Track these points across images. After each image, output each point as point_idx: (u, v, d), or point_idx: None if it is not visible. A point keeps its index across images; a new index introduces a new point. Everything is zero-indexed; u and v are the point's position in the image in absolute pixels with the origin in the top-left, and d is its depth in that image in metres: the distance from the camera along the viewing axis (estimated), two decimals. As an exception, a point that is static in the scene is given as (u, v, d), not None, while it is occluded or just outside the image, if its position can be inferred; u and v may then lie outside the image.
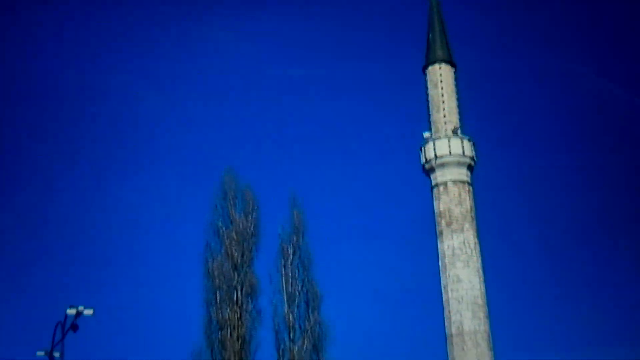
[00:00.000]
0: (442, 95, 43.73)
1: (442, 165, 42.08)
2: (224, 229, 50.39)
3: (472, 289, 39.73)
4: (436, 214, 41.90)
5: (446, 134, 43.05)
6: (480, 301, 39.65)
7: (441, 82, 43.97)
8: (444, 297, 40.33)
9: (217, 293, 50.30)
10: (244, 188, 51.53)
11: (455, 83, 44.42)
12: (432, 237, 42.22)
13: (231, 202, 50.93)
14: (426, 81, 44.71)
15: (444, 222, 41.33)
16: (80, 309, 26.29)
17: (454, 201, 41.37)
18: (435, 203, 42.12)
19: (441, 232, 41.32)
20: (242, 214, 50.78)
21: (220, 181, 51.66)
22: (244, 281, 50.36)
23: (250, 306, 50.20)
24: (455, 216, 41.06)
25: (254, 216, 50.70)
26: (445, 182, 41.93)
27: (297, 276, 48.32)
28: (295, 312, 47.75)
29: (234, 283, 50.08)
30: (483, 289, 40.08)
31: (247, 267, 50.96)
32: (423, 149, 43.41)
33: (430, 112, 44.19)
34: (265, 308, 51.05)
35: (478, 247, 40.93)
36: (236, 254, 49.82)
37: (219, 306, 49.95)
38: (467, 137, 43.31)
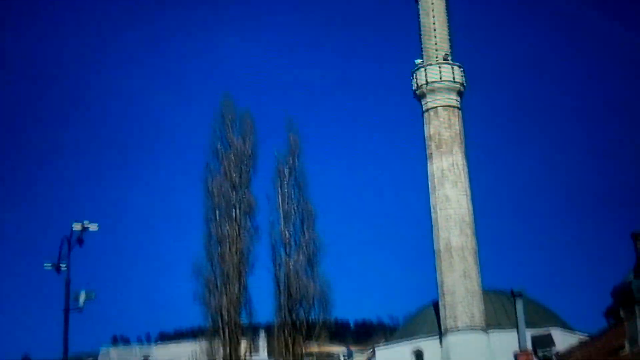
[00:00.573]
0: (434, 23, 44.65)
1: (432, 90, 43.43)
2: (222, 151, 52.27)
3: (460, 207, 41.56)
4: (426, 138, 43.28)
5: (437, 60, 44.11)
6: (467, 219, 41.53)
7: (433, 10, 44.85)
8: (433, 216, 42.03)
9: (217, 211, 52.47)
10: (241, 113, 53.20)
11: (446, 11, 45.26)
12: (422, 160, 43.82)
13: (229, 125, 52.69)
14: (418, 9, 45.49)
15: (433, 145, 42.88)
16: (86, 224, 27.06)
17: (443, 125, 42.85)
18: (426, 127, 43.48)
19: (431, 154, 42.87)
20: (240, 137, 52.62)
21: (219, 106, 53.57)
22: (242, 200, 52.53)
23: (248, 223, 52.46)
24: (445, 139, 42.57)
25: (251, 139, 52.55)
26: (436, 107, 43.25)
27: (292, 195, 50.52)
28: (291, 229, 50.08)
29: (232, 201, 52.21)
30: (470, 207, 41.89)
31: (245, 187, 53.07)
32: (414, 75, 44.65)
33: (422, 39, 45.17)
34: (262, 225, 53.27)
35: (466, 168, 42.56)
36: (234, 174, 51.83)
37: (218, 223, 52.18)
38: (457, 64, 44.49)
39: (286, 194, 50.28)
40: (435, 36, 44.62)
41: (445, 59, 44.44)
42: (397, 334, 47.40)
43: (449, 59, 44.63)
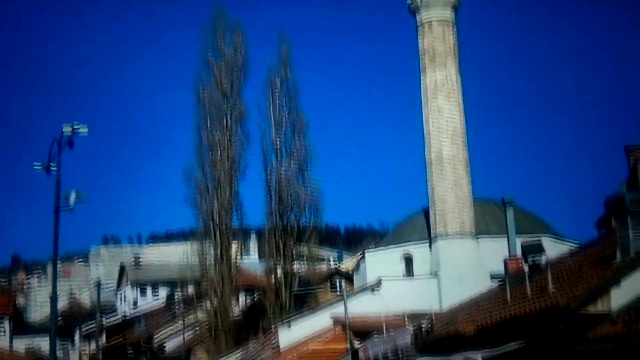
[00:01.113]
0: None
1: (427, 5, 42.72)
2: (214, 60, 52.17)
3: (452, 119, 41.64)
4: (420, 51, 42.76)
5: (431, -26, 43.41)
6: (459, 130, 41.65)
7: None
8: (425, 127, 42.02)
9: (208, 118, 52.69)
10: (233, 23, 53.08)
11: None
12: (416, 73, 43.49)
13: (221, 36, 52.47)
14: None
15: (427, 58, 42.60)
16: (76, 126, 27.05)
17: (437, 39, 42.41)
18: (420, 41, 42.86)
19: (424, 67, 42.60)
20: (231, 47, 52.40)
21: (211, 16, 53.22)
22: (234, 108, 52.66)
23: (239, 130, 52.85)
24: (439, 52, 42.24)
25: (242, 49, 52.39)
26: (430, 21, 42.60)
27: (284, 105, 50.69)
28: (282, 137, 50.49)
29: (223, 109, 52.35)
30: (462, 119, 41.96)
31: (237, 96, 53.13)
32: (409, -11, 43.79)
33: (416, -47, 44.31)
34: (253, 134, 53.92)
35: (459, 81, 42.26)
36: (225, 83, 51.82)
37: (209, 130, 52.48)
38: (451, -22, 43.82)
39: (277, 103, 50.51)
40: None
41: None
42: (386, 239, 48.29)
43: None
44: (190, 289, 56.00)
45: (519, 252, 26.53)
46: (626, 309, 14.58)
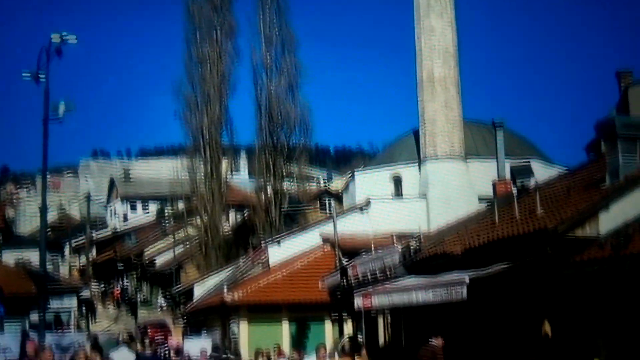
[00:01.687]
0: None
1: None
2: (203, -26, 51.46)
3: (445, 38, 41.11)
4: None
5: None
6: (451, 50, 41.18)
7: None
8: (416, 47, 41.59)
9: (197, 32, 52.05)
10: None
11: None
12: None
13: (210, -53, 51.56)
14: None
15: None
16: (64, 35, 26.62)
17: None
18: None
19: None
20: (221, -42, 51.62)
21: None
22: (224, 22, 51.98)
23: (230, 45, 52.36)
24: None
25: (233, -39, 51.70)
26: None
27: (274, 20, 50.03)
28: (273, 53, 50.03)
29: (214, 23, 51.68)
30: (455, 39, 41.33)
31: (227, 10, 52.42)
32: None
33: None
34: (244, 50, 53.41)
35: (452, 0, 42.16)
36: (215, -3, 51.33)
37: (199, 44, 51.90)
38: None
39: (268, 18, 49.87)
40: None
41: None
42: (376, 160, 48.37)
43: None
44: (181, 205, 56.25)
45: (507, 174, 26.66)
46: (614, 233, 14.71)
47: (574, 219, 15.30)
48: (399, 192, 41.41)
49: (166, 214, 68.53)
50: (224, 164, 53.22)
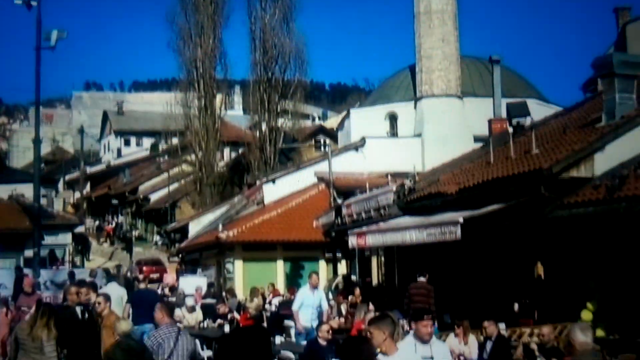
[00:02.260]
0: None
1: None
2: None
3: (442, -30, 40.68)
4: None
5: None
6: None
7: None
8: None
9: (190, -41, 51.22)
10: None
11: None
12: None
13: None
14: None
15: None
16: None
17: None
18: None
19: None
20: None
21: None
22: (217, -51, 51.13)
23: (223, -27, 51.63)
24: None
25: None
26: None
27: (269, -50, 49.18)
28: (267, -17, 49.31)
29: (207, -50, 50.81)
30: None
31: (220, -64, 51.46)
32: None
33: None
34: (238, -21, 52.62)
35: None
36: None
37: (192, -28, 51.15)
38: None
39: (263, -53, 48.97)
40: None
41: None
42: (371, 97, 47.98)
43: None
44: (175, 141, 56.08)
45: (503, 113, 26.44)
46: (609, 174, 14.59)
47: (569, 160, 15.15)
48: (394, 130, 41.22)
49: (160, 149, 68.40)
50: (218, 98, 52.89)
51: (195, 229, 42.44)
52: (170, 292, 28.58)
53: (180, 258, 41.82)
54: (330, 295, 22.71)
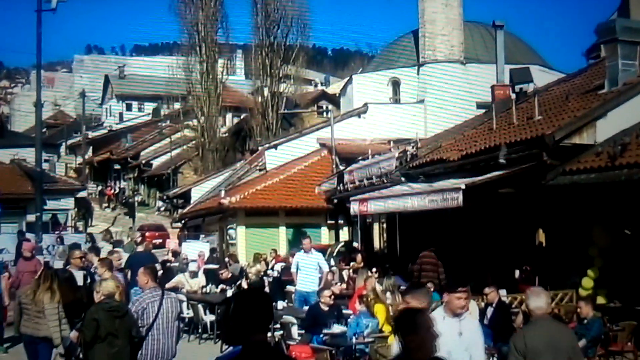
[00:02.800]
0: None
1: None
2: None
3: None
4: None
5: None
6: None
7: None
8: None
9: None
10: None
11: None
12: None
13: None
14: None
15: None
16: None
17: None
18: None
19: None
20: None
21: None
22: None
23: None
24: None
25: None
26: None
27: None
28: None
29: None
30: None
31: None
32: None
33: None
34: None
35: None
36: None
37: None
38: None
39: None
40: None
41: None
42: (374, 63, 47.72)
43: None
44: (177, 106, 55.94)
45: (507, 80, 26.34)
46: (611, 141, 14.56)
47: (571, 126, 15.13)
48: (397, 95, 41.08)
49: (162, 114, 68.22)
50: (220, 63, 52.64)
51: (197, 194, 42.48)
52: (174, 257, 28.72)
53: (183, 224, 41.96)
54: (332, 262, 22.80)
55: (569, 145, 15.04)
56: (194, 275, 19.79)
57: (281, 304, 15.78)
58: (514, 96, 21.80)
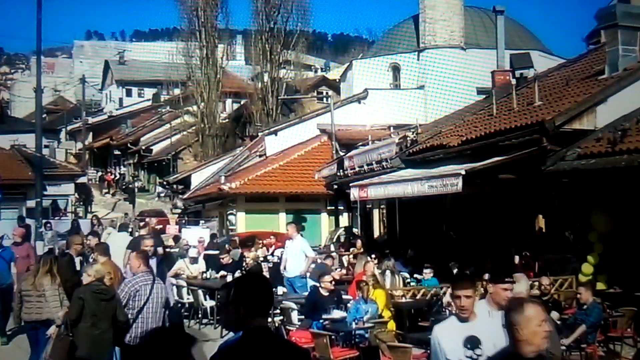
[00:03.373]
0: None
1: None
2: None
3: None
4: None
5: None
6: None
7: None
8: None
9: None
10: None
11: None
12: None
13: None
14: None
15: None
16: None
17: None
18: None
19: None
20: None
21: None
22: None
23: None
24: None
25: None
26: None
27: None
28: None
29: None
30: None
31: None
32: None
33: None
34: None
35: None
36: None
37: None
38: None
39: None
40: None
41: None
42: (374, 48, 47.64)
43: None
44: (177, 91, 55.82)
45: (507, 65, 26.28)
46: (612, 127, 14.55)
47: (572, 112, 15.10)
48: (397, 81, 41.01)
49: (162, 100, 68.11)
50: (220, 48, 52.49)
51: (197, 180, 42.48)
52: (174, 242, 28.73)
53: (183, 209, 41.96)
54: (332, 247, 22.83)
55: (569, 131, 15.01)
56: (194, 261, 19.79)
57: (281, 289, 15.81)
58: (514, 81, 21.73)
